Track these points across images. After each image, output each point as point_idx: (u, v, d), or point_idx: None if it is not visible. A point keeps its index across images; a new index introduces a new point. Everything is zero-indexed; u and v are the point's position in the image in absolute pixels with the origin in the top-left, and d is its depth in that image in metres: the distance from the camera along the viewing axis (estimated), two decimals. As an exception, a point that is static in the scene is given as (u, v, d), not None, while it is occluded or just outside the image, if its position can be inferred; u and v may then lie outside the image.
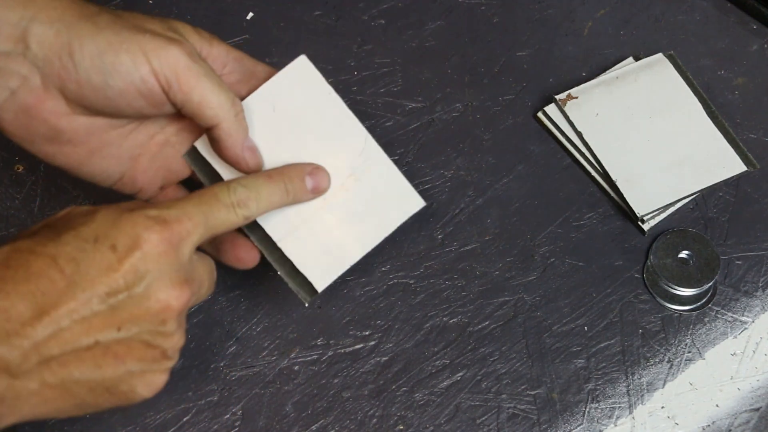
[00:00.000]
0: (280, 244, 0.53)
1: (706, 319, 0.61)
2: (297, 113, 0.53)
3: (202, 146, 0.53)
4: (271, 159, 0.53)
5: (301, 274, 0.54)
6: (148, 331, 0.44)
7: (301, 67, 0.53)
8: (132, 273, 0.43)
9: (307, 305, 0.60)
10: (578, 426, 0.57)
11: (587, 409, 0.58)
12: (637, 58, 0.69)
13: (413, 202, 0.55)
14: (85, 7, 0.48)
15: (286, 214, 0.53)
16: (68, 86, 0.48)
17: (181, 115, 0.51)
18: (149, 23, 0.49)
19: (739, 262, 0.63)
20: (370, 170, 0.54)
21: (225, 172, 0.53)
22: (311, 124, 0.53)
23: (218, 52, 0.52)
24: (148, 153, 0.53)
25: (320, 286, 0.54)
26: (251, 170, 0.52)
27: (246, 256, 0.54)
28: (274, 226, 0.53)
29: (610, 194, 0.64)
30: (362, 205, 0.54)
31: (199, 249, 0.50)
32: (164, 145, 0.54)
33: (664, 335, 0.60)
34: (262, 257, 0.54)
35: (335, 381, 0.59)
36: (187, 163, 0.54)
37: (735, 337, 0.60)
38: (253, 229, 0.53)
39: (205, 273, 0.48)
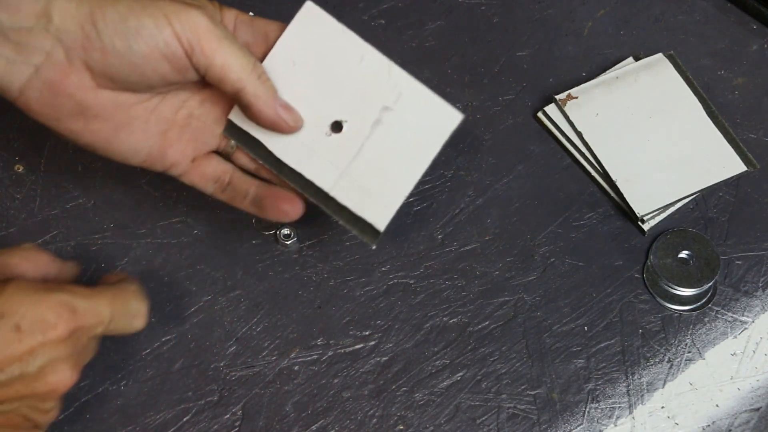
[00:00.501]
0: (332, 194, 0.53)
1: (706, 319, 0.61)
2: (317, 61, 0.53)
3: (237, 117, 0.53)
4: (304, 113, 0.53)
5: (361, 219, 0.53)
6: (28, 406, 0.46)
7: (310, 14, 0.52)
8: (30, 354, 0.44)
9: (374, 248, 0.59)
10: (578, 426, 0.57)
11: (587, 409, 0.58)
12: (637, 58, 0.69)
13: (451, 118, 0.53)
14: None
15: (328, 162, 0.53)
16: (92, 56, 0.47)
17: (203, 85, 0.51)
18: None
19: (739, 262, 0.63)
20: (401, 98, 0.53)
21: (266, 138, 0.53)
22: (334, 68, 0.53)
23: (228, 18, 0.52)
24: (175, 127, 0.53)
25: (381, 225, 0.53)
26: (292, 130, 0.52)
27: (290, 209, 0.54)
28: (321, 176, 0.53)
29: (610, 194, 0.64)
30: (402, 135, 0.53)
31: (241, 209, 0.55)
32: (189, 117, 0.53)
33: (664, 335, 0.60)
34: (312, 207, 0.54)
35: (335, 381, 0.59)
36: (228, 138, 0.54)
37: (735, 337, 0.60)
38: (304, 186, 0.53)
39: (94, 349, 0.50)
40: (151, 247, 0.63)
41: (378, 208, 0.54)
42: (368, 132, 0.53)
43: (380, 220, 0.54)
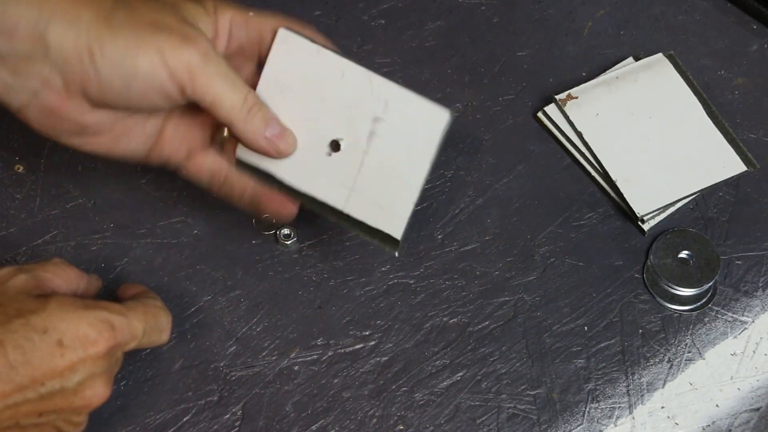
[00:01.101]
0: (346, 211, 0.54)
1: (706, 319, 0.61)
2: (302, 84, 0.53)
3: (243, 153, 0.55)
4: (302, 136, 0.54)
5: (379, 231, 0.54)
6: (62, 419, 0.48)
7: (286, 40, 0.53)
8: (70, 369, 0.46)
9: (398, 255, 0.60)
10: (578, 426, 0.57)
11: (587, 409, 0.58)
12: (637, 58, 0.69)
13: (440, 117, 0.53)
14: (102, 4, 0.48)
15: (336, 181, 0.54)
16: (90, 89, 0.48)
17: None
18: (164, 15, 0.49)
19: (739, 262, 0.63)
20: (389, 106, 0.53)
21: (274, 168, 0.54)
22: (319, 89, 0.53)
23: (223, 21, 0.52)
24: (170, 124, 0.54)
25: (398, 233, 0.54)
26: (282, 156, 0.53)
27: (284, 210, 0.56)
28: (333, 196, 0.54)
29: (610, 194, 0.64)
30: (398, 143, 0.53)
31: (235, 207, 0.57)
32: (183, 114, 0.54)
33: (664, 335, 0.60)
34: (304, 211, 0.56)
35: (335, 381, 0.59)
36: (240, 173, 0.55)
37: (735, 337, 0.60)
38: (320, 207, 0.55)
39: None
40: (151, 247, 0.63)
41: (391, 217, 0.54)
42: (365, 146, 0.53)
43: (396, 229, 0.54)
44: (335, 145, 0.54)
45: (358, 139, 0.53)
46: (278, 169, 0.55)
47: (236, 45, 0.53)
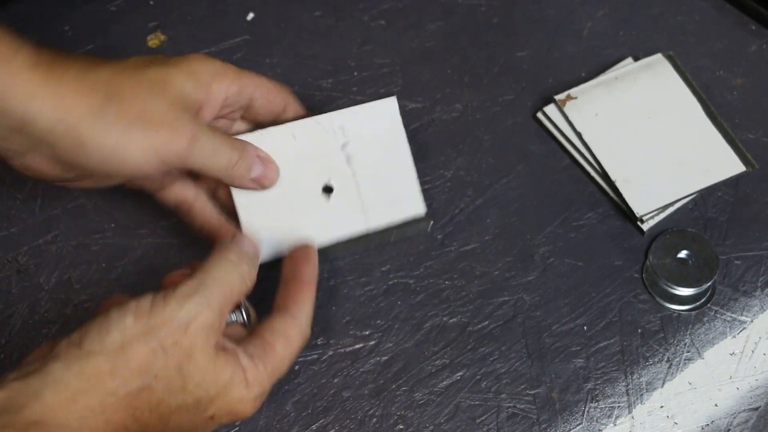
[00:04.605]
0: (371, 229, 0.59)
1: (705, 319, 0.61)
2: (277, 160, 0.57)
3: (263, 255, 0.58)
4: (298, 199, 0.58)
5: (405, 221, 0.59)
6: None
7: (254, 139, 0.57)
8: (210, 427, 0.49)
9: (431, 227, 0.63)
10: (577, 425, 0.58)
11: (586, 409, 0.58)
12: (636, 59, 0.69)
13: (390, 106, 0.58)
14: (93, 98, 0.49)
15: (348, 213, 0.58)
16: (77, 167, 0.51)
17: None
18: (153, 102, 0.51)
19: (738, 262, 0.63)
20: (346, 130, 0.58)
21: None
22: (286, 161, 0.57)
23: (218, 95, 0.54)
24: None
25: (421, 209, 0.59)
26: (267, 187, 0.57)
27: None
28: (354, 226, 0.58)
29: (609, 194, 0.65)
30: (372, 148, 0.59)
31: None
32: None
33: (663, 335, 0.60)
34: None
35: (335, 381, 0.59)
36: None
37: (734, 336, 0.60)
38: (349, 245, 0.59)
39: None
40: (152, 247, 0.63)
41: (407, 202, 0.59)
42: (351, 170, 0.58)
43: (417, 207, 0.59)
44: (328, 189, 0.58)
45: (341, 171, 0.58)
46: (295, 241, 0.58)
47: (228, 110, 0.56)
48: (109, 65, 0.51)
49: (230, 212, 0.58)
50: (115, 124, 0.49)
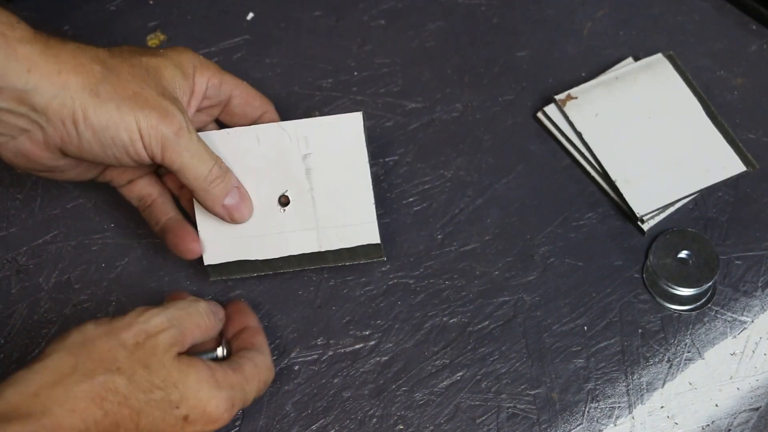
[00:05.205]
0: (323, 249, 0.58)
1: (706, 319, 0.61)
2: (234, 164, 0.57)
3: (209, 258, 0.59)
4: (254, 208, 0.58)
5: (358, 247, 0.58)
6: None
7: (205, 137, 0.57)
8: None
9: (385, 259, 0.62)
10: (578, 426, 0.58)
11: (587, 409, 0.58)
12: (636, 59, 0.69)
13: (355, 121, 0.57)
14: (89, 73, 0.51)
15: (301, 230, 0.58)
16: (68, 147, 0.52)
17: None
18: (146, 86, 0.52)
19: (739, 262, 0.63)
20: (309, 140, 0.57)
21: (243, 253, 0.58)
22: (246, 163, 0.57)
23: (200, 85, 0.57)
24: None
25: (375, 238, 0.58)
26: (236, 223, 0.57)
27: (187, 251, 0.58)
28: (306, 244, 0.58)
29: (609, 194, 0.65)
30: (332, 163, 0.57)
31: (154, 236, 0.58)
32: None
33: (663, 335, 0.60)
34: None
35: (335, 381, 0.59)
36: (214, 276, 0.59)
37: (734, 336, 0.60)
38: (301, 262, 0.58)
39: None
40: (151, 247, 0.63)
41: (362, 228, 0.58)
42: (309, 184, 0.57)
43: (372, 235, 0.58)
44: (284, 199, 0.58)
45: (299, 182, 0.57)
46: (246, 251, 0.58)
47: (207, 103, 0.58)
48: (103, 48, 0.53)
49: (188, 215, 0.60)
50: (109, 101, 0.51)
